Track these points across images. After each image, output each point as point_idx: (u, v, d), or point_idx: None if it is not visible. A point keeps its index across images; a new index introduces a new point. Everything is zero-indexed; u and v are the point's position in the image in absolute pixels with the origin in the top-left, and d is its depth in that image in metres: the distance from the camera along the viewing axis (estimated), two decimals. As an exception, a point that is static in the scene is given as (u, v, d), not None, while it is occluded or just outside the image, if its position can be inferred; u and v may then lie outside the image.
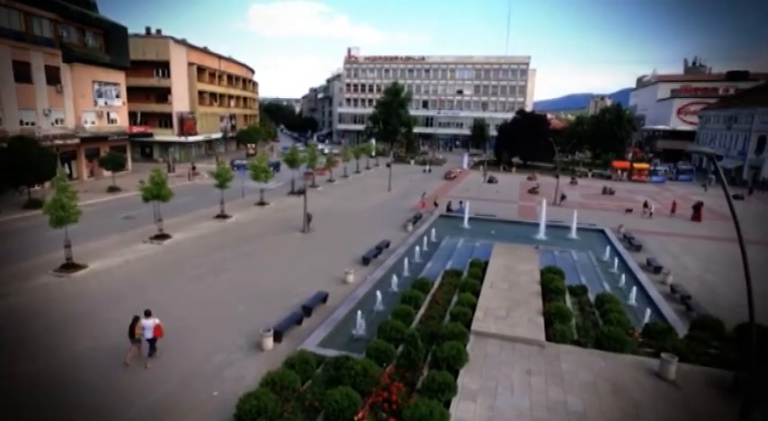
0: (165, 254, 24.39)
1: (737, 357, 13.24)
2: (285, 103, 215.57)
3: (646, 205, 39.96)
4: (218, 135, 76.63)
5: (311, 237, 28.78)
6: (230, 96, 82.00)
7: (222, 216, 32.15)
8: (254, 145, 78.36)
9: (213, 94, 74.56)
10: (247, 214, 34.09)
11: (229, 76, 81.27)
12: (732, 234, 7.43)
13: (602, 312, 16.52)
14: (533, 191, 50.27)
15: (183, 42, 65.14)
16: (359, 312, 16.78)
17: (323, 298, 18.41)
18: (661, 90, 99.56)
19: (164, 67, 62.37)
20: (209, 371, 13.42)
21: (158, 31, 64.56)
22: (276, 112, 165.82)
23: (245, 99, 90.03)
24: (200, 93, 69.43)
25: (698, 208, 38.08)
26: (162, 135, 63.21)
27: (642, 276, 22.70)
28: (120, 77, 51.95)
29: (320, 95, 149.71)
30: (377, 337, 13.77)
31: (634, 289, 20.65)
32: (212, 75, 73.90)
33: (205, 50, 72.59)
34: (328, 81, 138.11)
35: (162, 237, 26.49)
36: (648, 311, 18.17)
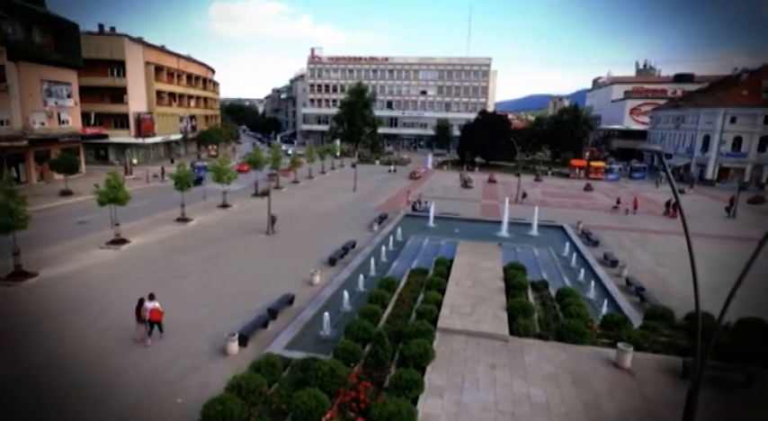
0: (124, 259, 23.57)
1: (686, 344, 14.00)
2: (248, 104, 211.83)
3: (618, 202, 42.31)
4: (178, 136, 74.52)
5: (276, 238, 28.44)
6: (190, 96, 79.90)
7: (183, 219, 31.31)
8: (215, 146, 76.67)
9: (172, 94, 72.45)
10: (210, 217, 33.34)
11: (189, 76, 79.18)
12: (680, 227, 7.87)
13: (562, 306, 17.06)
14: (466, 185, 52.68)
15: (139, 41, 62.99)
16: (326, 313, 16.71)
17: (289, 300, 18.24)
18: (615, 91, 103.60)
19: (119, 66, 60.09)
20: (172, 378, 13.08)
21: (112, 29, 62.23)
22: (238, 113, 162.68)
23: (205, 99, 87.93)
24: (159, 92, 67.32)
25: (675, 205, 39.97)
26: (118, 136, 60.88)
27: (599, 270, 23.61)
28: (71, 76, 49.73)
29: (283, 96, 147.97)
30: (344, 338, 13.78)
31: (592, 282, 21.46)
32: (171, 74, 71.82)
33: (163, 49, 70.44)
34: (292, 81, 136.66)
35: (119, 241, 25.57)
36: (606, 303, 18.93)
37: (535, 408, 10.98)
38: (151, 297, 15.09)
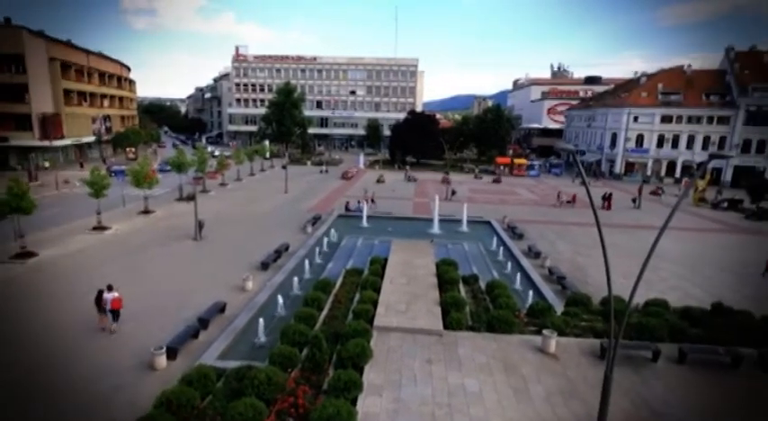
0: (32, 274, 21.49)
1: (603, 327, 15.19)
2: (168, 104, 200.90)
3: (559, 196, 45.42)
4: (91, 138, 69.15)
5: (204, 244, 27.26)
6: (103, 95, 74.38)
7: (100, 228, 29.11)
8: (133, 148, 72.03)
9: (82, 93, 67.06)
10: (130, 224, 31.26)
11: (101, 73, 73.69)
12: (602, 219, 8.54)
13: (492, 298, 17.86)
14: (380, 180, 55.73)
15: (40, 34, 57.72)
16: (260, 319, 16.32)
17: (220, 308, 17.59)
18: (533, 92, 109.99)
19: (17, 62, 54.71)
20: (93, 400, 12.13)
21: (7, 20, 56.51)
22: (159, 113, 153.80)
23: (120, 98, 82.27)
24: (67, 91, 62.04)
25: (609, 198, 43.48)
26: (20, 139, 55.47)
27: (525, 262, 24.95)
28: (-41, 73, 44.53)
29: (208, 95, 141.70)
30: (280, 343, 13.53)
31: (518, 274, 22.62)
32: (80, 71, 66.46)
33: (69, 44, 65.09)
34: (216, 80, 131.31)
35: (26, 255, 23.29)
36: (531, 293, 20.04)
37: (470, 398, 11.43)
38: (110, 288, 16.09)
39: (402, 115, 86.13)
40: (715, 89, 65.01)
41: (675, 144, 65.60)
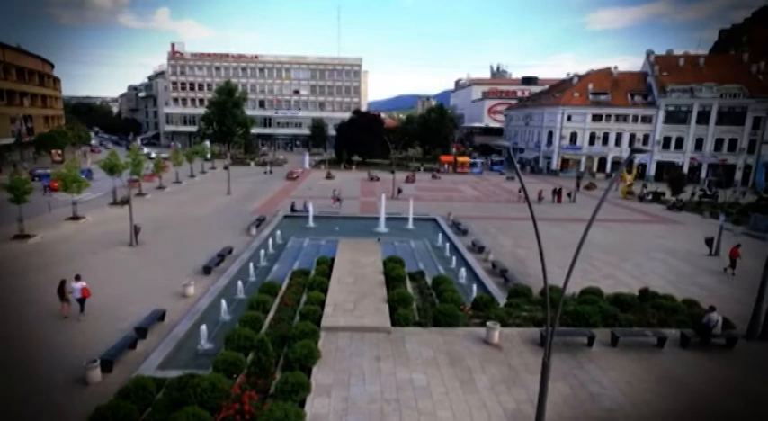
0: (-58, 289, 19.57)
1: (542, 316, 15.89)
2: (99, 103, 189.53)
3: (520, 191, 46.37)
4: (9, 140, 63.79)
5: (141, 250, 25.92)
6: (23, 93, 68.86)
7: (22, 236, 26.94)
8: (59, 151, 67.26)
9: (-2, 91, 61.79)
10: (57, 231, 29.15)
11: (19, 70, 68.18)
12: (539, 213, 8.88)
13: (438, 293, 18.22)
14: (329, 177, 58.38)
15: (-53, 26, 52.60)
16: (203, 325, 15.75)
17: (160, 315, 16.81)
18: (474, 92, 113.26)
19: None
20: (17, 422, 11.24)
21: None
22: (88, 113, 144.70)
23: (43, 97, 76.51)
24: (-21, 89, 56.99)
25: (559, 192, 45.67)
26: (-76, 142, 50.31)
27: (469, 256, 25.64)
28: None
29: (142, 94, 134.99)
30: (224, 349, 13.13)
31: (463, 268, 23.21)
32: (-6, 67, 61.22)
33: (-19, 38, 59.73)
34: (151, 78, 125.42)
35: (-66, 268, 21.18)
36: (475, 286, 20.62)
37: (418, 392, 11.61)
38: (77, 278, 16.57)
39: (347, 115, 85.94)
40: (638, 90, 69.74)
41: (606, 141, 69.72)
